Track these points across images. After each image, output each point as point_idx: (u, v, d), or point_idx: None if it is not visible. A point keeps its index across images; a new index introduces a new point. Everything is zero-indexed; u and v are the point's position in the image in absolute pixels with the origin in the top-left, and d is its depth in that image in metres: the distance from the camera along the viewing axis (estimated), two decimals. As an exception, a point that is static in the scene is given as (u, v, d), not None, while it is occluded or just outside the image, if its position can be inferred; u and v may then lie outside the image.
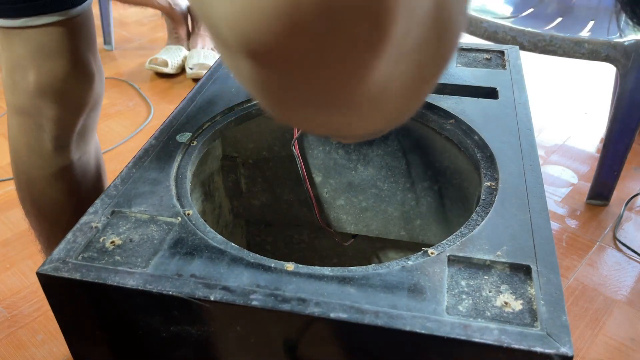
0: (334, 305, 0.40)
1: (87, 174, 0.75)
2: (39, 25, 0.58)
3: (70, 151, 0.70)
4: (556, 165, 1.48)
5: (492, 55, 0.75)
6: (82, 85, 0.65)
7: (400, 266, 0.43)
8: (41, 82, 0.61)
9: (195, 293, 0.41)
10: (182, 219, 0.48)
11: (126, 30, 2.33)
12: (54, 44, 0.59)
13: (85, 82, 0.65)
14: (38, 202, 0.75)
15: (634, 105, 1.19)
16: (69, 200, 0.74)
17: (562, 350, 0.36)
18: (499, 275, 0.42)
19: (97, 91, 0.67)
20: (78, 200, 0.75)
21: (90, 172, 0.76)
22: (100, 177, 0.80)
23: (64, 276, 0.42)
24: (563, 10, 1.47)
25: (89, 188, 0.77)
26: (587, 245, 1.22)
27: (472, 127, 0.60)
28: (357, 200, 0.77)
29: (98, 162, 0.78)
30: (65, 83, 0.62)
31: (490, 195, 0.51)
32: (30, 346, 1.00)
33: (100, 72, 0.69)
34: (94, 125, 0.73)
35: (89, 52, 0.64)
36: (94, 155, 0.77)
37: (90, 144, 0.74)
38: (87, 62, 0.64)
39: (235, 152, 0.76)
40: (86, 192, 0.76)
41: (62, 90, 0.62)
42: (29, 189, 0.73)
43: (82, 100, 0.66)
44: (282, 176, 0.78)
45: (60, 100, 0.63)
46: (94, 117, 0.71)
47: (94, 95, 0.67)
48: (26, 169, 0.71)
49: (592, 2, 1.48)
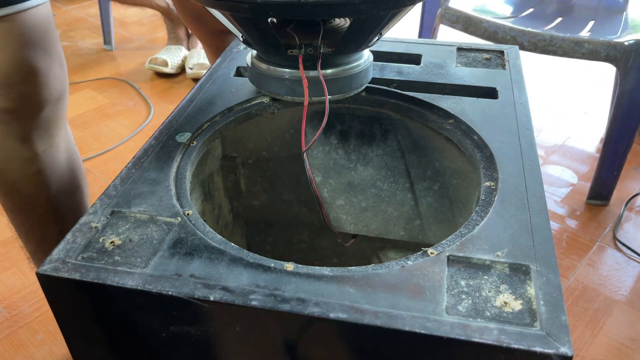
0: (334, 305, 0.40)
1: (56, 167, 0.75)
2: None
3: (34, 143, 0.70)
4: (556, 165, 1.48)
5: (491, 55, 0.75)
6: (33, 82, 0.64)
7: (400, 266, 0.43)
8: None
9: (195, 293, 0.41)
10: (182, 219, 0.48)
11: (126, 30, 2.33)
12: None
13: (36, 78, 0.64)
14: (10, 194, 0.75)
15: (634, 105, 1.19)
16: (39, 193, 0.75)
17: (562, 350, 0.36)
18: (498, 275, 0.42)
19: (54, 88, 0.67)
20: (50, 193, 0.75)
21: (59, 165, 0.76)
22: (74, 171, 0.79)
23: (64, 276, 0.42)
24: (563, 10, 1.47)
25: (61, 181, 0.77)
26: (587, 245, 1.22)
27: (471, 127, 0.60)
28: (357, 200, 0.77)
29: (70, 156, 0.78)
30: (11, 78, 0.61)
31: (489, 195, 0.51)
32: (30, 346, 1.00)
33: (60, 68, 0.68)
34: (58, 120, 0.72)
35: (40, 50, 0.63)
36: (64, 148, 0.76)
37: (57, 137, 0.74)
38: (36, 59, 0.63)
39: (235, 152, 0.76)
40: (57, 185, 0.76)
41: (10, 86, 0.62)
42: (1, 181, 0.74)
43: (37, 96, 0.65)
44: (281, 176, 0.78)
45: (11, 95, 0.63)
46: (57, 111, 0.71)
47: (50, 91, 0.66)
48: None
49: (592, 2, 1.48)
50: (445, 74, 0.70)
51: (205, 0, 0.54)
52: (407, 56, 0.75)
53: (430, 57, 0.74)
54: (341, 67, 0.60)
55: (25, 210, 0.78)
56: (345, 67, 0.60)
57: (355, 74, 0.61)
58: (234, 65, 0.73)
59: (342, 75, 0.60)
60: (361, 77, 0.62)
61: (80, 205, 0.83)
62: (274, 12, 0.50)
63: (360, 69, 0.61)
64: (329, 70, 0.59)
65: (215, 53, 1.07)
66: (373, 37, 0.58)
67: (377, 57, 0.74)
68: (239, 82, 0.69)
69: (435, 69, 0.71)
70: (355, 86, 0.62)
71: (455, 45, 0.77)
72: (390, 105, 0.67)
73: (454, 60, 0.74)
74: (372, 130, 0.72)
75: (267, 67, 0.60)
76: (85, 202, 0.85)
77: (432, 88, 0.68)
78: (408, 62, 0.74)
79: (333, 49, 0.57)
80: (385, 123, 0.70)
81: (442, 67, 0.72)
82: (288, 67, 0.59)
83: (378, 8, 0.51)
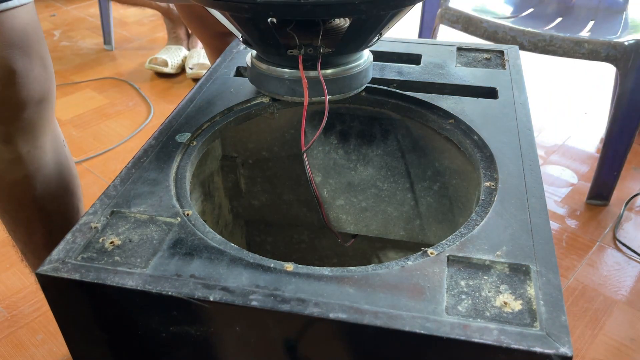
0: (333, 305, 0.40)
1: (42, 168, 0.74)
2: None
3: (17, 145, 0.70)
4: (556, 165, 1.48)
5: (491, 55, 0.75)
6: (10, 83, 0.63)
7: (400, 266, 0.43)
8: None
9: (195, 293, 0.41)
10: (182, 220, 0.48)
11: (126, 30, 2.33)
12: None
13: (14, 79, 0.63)
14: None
15: (634, 105, 1.19)
16: (25, 194, 0.74)
17: (562, 350, 0.36)
18: (498, 276, 0.42)
19: (34, 89, 0.66)
20: (35, 194, 0.75)
21: (45, 167, 0.75)
22: (62, 172, 0.78)
23: (64, 277, 0.42)
24: (563, 10, 1.47)
25: (47, 182, 0.76)
26: (587, 245, 1.22)
27: (471, 127, 0.60)
28: (357, 200, 0.77)
29: (58, 157, 0.77)
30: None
31: (489, 195, 0.51)
32: (30, 346, 1.00)
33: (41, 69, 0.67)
34: (42, 121, 0.72)
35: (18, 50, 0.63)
36: (51, 149, 0.75)
37: (42, 139, 0.73)
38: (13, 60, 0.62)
39: (235, 152, 0.76)
40: (43, 186, 0.75)
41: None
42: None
43: (15, 97, 0.65)
44: (281, 176, 0.78)
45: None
46: (40, 112, 0.70)
47: (30, 92, 0.66)
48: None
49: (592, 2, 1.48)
50: (445, 74, 0.70)
51: (205, 0, 0.54)
52: (407, 56, 0.75)
53: (430, 57, 0.74)
54: (341, 67, 0.60)
55: (10, 210, 0.78)
56: (345, 67, 0.60)
57: (355, 74, 0.61)
58: (234, 65, 0.73)
59: (342, 75, 0.60)
60: (361, 77, 0.62)
61: (69, 207, 0.82)
62: (274, 12, 0.50)
63: (361, 69, 0.61)
64: (329, 70, 0.59)
65: (215, 54, 1.07)
66: (373, 37, 0.58)
67: (377, 57, 0.74)
68: (239, 82, 0.69)
69: (435, 69, 0.71)
70: (355, 86, 0.62)
71: (455, 45, 0.77)
72: (390, 105, 0.67)
73: (454, 60, 0.74)
74: (372, 130, 0.72)
75: (267, 67, 0.60)
76: (75, 205, 0.84)
77: (432, 88, 0.68)
78: (408, 62, 0.74)
79: (333, 49, 0.57)
80: (385, 123, 0.70)
81: (442, 67, 0.72)
82: (288, 67, 0.59)
83: (378, 8, 0.51)
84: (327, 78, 0.59)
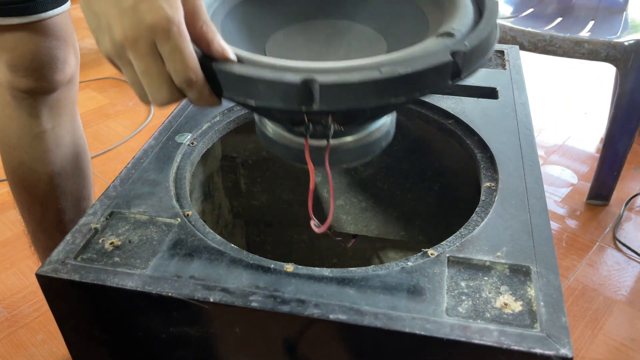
0: (333, 306, 0.40)
1: (62, 146, 0.82)
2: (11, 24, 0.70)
3: (43, 120, 0.79)
4: (556, 165, 1.48)
5: (492, 55, 0.75)
6: (52, 68, 0.75)
7: (400, 267, 0.43)
8: (14, 60, 0.72)
9: (195, 294, 0.41)
10: (182, 220, 0.48)
11: (126, 30, 2.33)
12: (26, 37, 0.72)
13: (55, 65, 0.75)
14: (17, 171, 0.82)
15: (634, 105, 1.19)
16: (43, 170, 0.81)
17: (562, 351, 0.36)
18: (498, 277, 0.42)
19: (68, 73, 0.78)
20: (53, 170, 0.82)
21: (64, 145, 0.83)
22: (78, 153, 0.86)
23: (63, 277, 0.42)
24: (563, 10, 1.47)
25: (64, 160, 0.83)
26: (587, 245, 1.22)
27: (471, 127, 0.60)
28: (357, 200, 0.77)
29: (76, 138, 0.85)
30: (33, 63, 0.73)
31: (489, 195, 0.51)
32: (30, 346, 1.00)
33: (74, 56, 0.80)
34: (68, 101, 0.82)
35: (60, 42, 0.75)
36: (70, 129, 0.84)
37: (65, 117, 0.82)
38: (56, 50, 0.75)
39: (235, 153, 0.76)
40: (61, 163, 0.83)
41: (33, 70, 0.73)
42: (8, 158, 0.82)
43: (53, 78, 0.76)
44: (281, 176, 0.78)
45: (32, 77, 0.74)
46: (68, 92, 0.81)
47: (65, 75, 0.78)
48: (4, 137, 0.80)
49: (592, 2, 1.48)
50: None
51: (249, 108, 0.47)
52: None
53: (430, 57, 0.74)
54: (357, 135, 0.50)
55: (28, 186, 0.83)
56: (360, 135, 0.50)
57: (372, 140, 0.51)
58: (234, 65, 0.73)
59: (359, 144, 0.50)
60: (380, 141, 0.52)
61: (80, 187, 0.87)
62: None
63: (381, 134, 0.51)
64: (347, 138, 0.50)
65: None
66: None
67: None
68: (239, 83, 0.69)
69: (435, 69, 0.71)
70: (372, 151, 0.52)
71: (455, 46, 0.77)
72: (390, 105, 0.66)
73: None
74: (372, 130, 0.71)
75: (274, 132, 0.51)
76: (86, 187, 0.89)
77: (432, 88, 0.68)
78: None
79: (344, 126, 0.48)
80: (385, 123, 0.70)
81: (442, 68, 0.71)
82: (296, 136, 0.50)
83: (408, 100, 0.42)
84: (343, 147, 0.50)
